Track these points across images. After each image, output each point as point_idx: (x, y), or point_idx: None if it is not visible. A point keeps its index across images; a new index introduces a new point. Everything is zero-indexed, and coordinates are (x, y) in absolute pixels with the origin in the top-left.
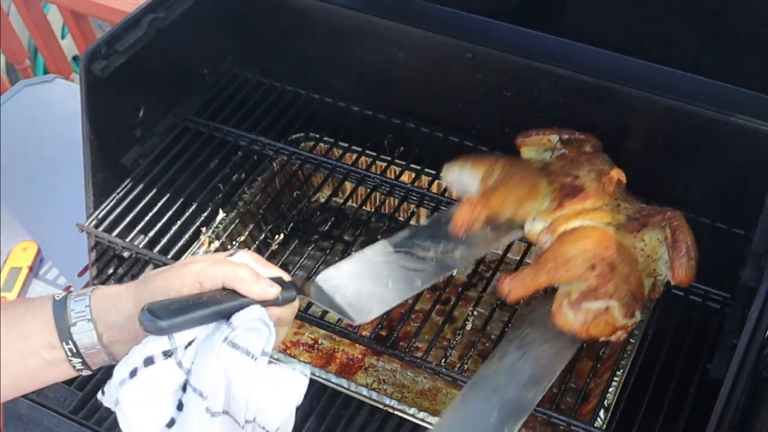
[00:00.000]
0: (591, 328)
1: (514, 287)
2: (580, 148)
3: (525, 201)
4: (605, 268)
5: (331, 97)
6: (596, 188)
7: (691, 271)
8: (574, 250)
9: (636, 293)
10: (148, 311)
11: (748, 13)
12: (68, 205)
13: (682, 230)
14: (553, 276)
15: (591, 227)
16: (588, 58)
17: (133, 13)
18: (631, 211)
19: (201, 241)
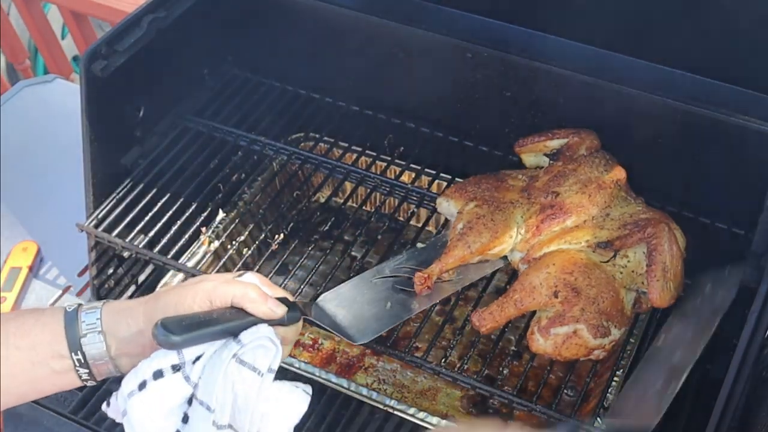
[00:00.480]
0: (563, 351)
1: (483, 322)
2: (573, 153)
3: (495, 240)
4: (569, 293)
5: (331, 97)
6: (579, 202)
7: (667, 293)
8: (538, 279)
9: (609, 312)
10: (162, 326)
11: (749, 13)
12: (68, 205)
13: (659, 250)
14: (520, 307)
15: (557, 252)
16: (588, 58)
17: (133, 13)
18: (617, 224)
19: (201, 241)
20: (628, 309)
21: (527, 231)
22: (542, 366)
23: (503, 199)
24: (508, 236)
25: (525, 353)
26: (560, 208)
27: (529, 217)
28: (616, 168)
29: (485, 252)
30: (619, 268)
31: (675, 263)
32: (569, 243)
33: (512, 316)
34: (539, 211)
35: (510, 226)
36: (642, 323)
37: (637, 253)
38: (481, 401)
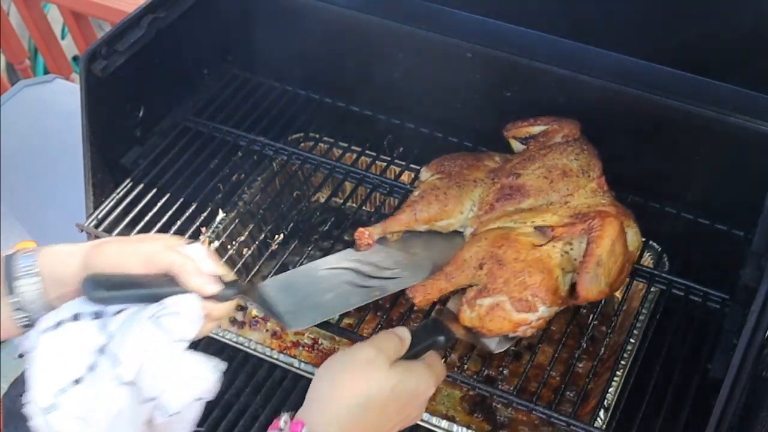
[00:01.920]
0: (487, 323)
1: (415, 293)
2: (548, 140)
3: (442, 213)
4: (494, 265)
5: (331, 97)
6: (539, 186)
7: (595, 287)
8: (469, 252)
9: (537, 287)
10: (91, 280)
11: (749, 13)
12: (68, 205)
13: (597, 243)
14: (451, 280)
15: (496, 229)
16: (588, 58)
17: (133, 13)
18: (571, 212)
19: (201, 241)
20: (562, 289)
21: (480, 208)
22: (542, 366)
23: (468, 177)
24: (458, 211)
25: (525, 353)
26: (518, 189)
27: (487, 195)
28: (589, 159)
29: (431, 222)
30: (559, 251)
31: (613, 260)
32: (515, 222)
33: (444, 289)
34: (498, 190)
35: (462, 202)
36: (642, 324)
37: (582, 244)
38: (481, 401)
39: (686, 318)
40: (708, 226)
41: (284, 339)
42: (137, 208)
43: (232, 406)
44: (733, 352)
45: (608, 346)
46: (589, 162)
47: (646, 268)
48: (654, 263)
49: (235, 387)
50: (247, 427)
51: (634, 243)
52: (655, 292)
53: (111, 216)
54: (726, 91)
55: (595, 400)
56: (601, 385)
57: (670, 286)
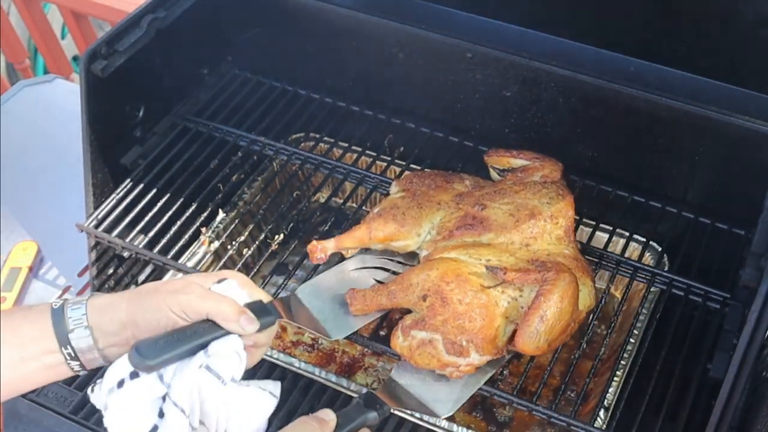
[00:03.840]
0: (416, 356)
1: (354, 301)
2: (526, 176)
3: (398, 234)
4: (437, 300)
5: (331, 97)
6: (503, 222)
7: (533, 341)
8: (416, 278)
9: (474, 334)
10: (137, 351)
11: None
12: (68, 205)
13: (545, 297)
14: (392, 299)
15: (450, 260)
16: (588, 58)
17: (133, 13)
18: (529, 257)
19: (201, 241)
20: (501, 339)
21: (439, 233)
22: (542, 366)
23: (433, 198)
24: (414, 233)
25: None
26: (482, 221)
27: (449, 221)
28: (562, 206)
29: (386, 242)
30: (508, 297)
31: (557, 318)
32: (470, 256)
33: (383, 306)
34: (460, 217)
35: (421, 224)
36: (642, 324)
37: (533, 293)
38: (481, 401)
39: (686, 318)
40: (708, 226)
41: (284, 339)
42: (137, 208)
43: None
44: (733, 352)
45: (608, 346)
46: (562, 209)
47: (647, 268)
48: (654, 263)
49: None
50: None
51: (586, 302)
52: (655, 292)
53: (111, 216)
54: (726, 91)
55: (595, 400)
56: (601, 385)
57: (670, 285)
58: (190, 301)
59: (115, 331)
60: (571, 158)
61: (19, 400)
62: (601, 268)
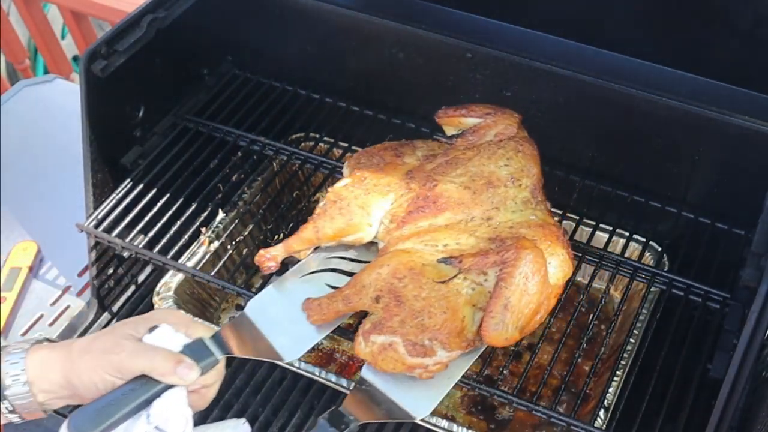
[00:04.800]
0: (380, 362)
1: (310, 312)
2: (479, 137)
3: (348, 228)
4: (391, 300)
5: (331, 97)
6: (459, 198)
7: (501, 333)
8: (369, 278)
9: (437, 330)
10: (72, 425)
11: (748, 13)
12: (68, 205)
13: (507, 282)
14: (348, 304)
15: (402, 252)
16: (588, 58)
17: (133, 13)
18: (491, 233)
19: (201, 241)
20: (469, 330)
21: (392, 221)
22: (542, 366)
23: (381, 180)
24: (365, 224)
25: (525, 353)
26: (434, 201)
27: (400, 205)
28: (522, 163)
29: (337, 238)
30: (471, 283)
31: (525, 302)
32: (425, 243)
33: (342, 312)
34: (412, 199)
35: (370, 213)
36: (642, 324)
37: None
38: (481, 401)
39: (686, 318)
40: (708, 226)
41: None
42: (137, 208)
43: (232, 406)
44: (733, 352)
45: (608, 346)
46: (523, 167)
47: (647, 268)
48: (654, 263)
49: (234, 387)
50: None
51: (560, 273)
52: (655, 292)
53: (111, 216)
54: (726, 91)
55: (595, 400)
56: (601, 385)
57: (670, 285)
58: (121, 361)
59: (55, 390)
60: (571, 158)
61: None
62: (601, 268)
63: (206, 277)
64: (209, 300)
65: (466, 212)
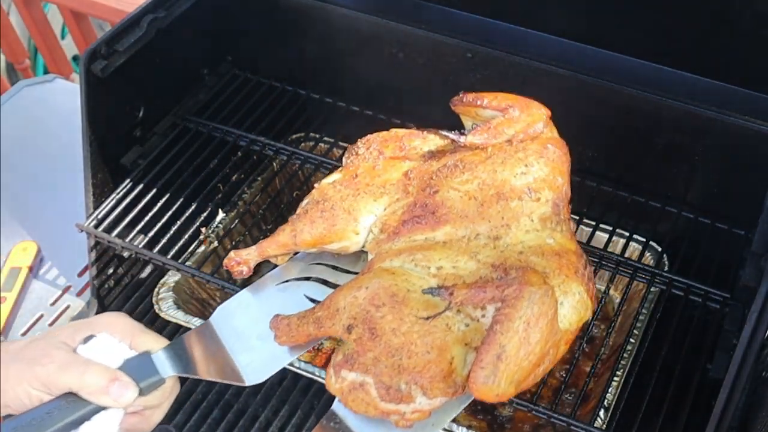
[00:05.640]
0: (349, 402)
1: (278, 331)
2: (495, 134)
3: (330, 234)
4: (365, 332)
5: (331, 97)
6: (462, 210)
7: (492, 387)
8: (344, 300)
9: (418, 372)
10: None
11: (749, 13)
12: (68, 205)
13: (503, 328)
14: (319, 328)
15: (385, 272)
16: (588, 58)
17: (133, 13)
18: (497, 258)
19: (201, 241)
20: (459, 374)
21: (383, 230)
22: None
23: (377, 179)
24: (351, 232)
25: None
26: (433, 211)
27: (393, 212)
28: (546, 171)
29: (317, 246)
30: (465, 318)
31: (525, 353)
32: (416, 263)
33: (313, 335)
34: (408, 206)
35: (357, 219)
36: (642, 324)
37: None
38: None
39: (686, 318)
40: (708, 226)
41: None
42: (137, 208)
43: (232, 407)
44: (733, 352)
45: (608, 346)
46: (546, 176)
47: (647, 268)
48: (654, 263)
49: (234, 387)
50: (247, 428)
51: (575, 317)
52: (655, 292)
53: (111, 216)
54: (726, 91)
55: (595, 400)
56: (601, 385)
57: (670, 285)
58: (48, 374)
59: None
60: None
61: None
62: (601, 268)
63: (206, 276)
64: (209, 300)
65: (469, 228)
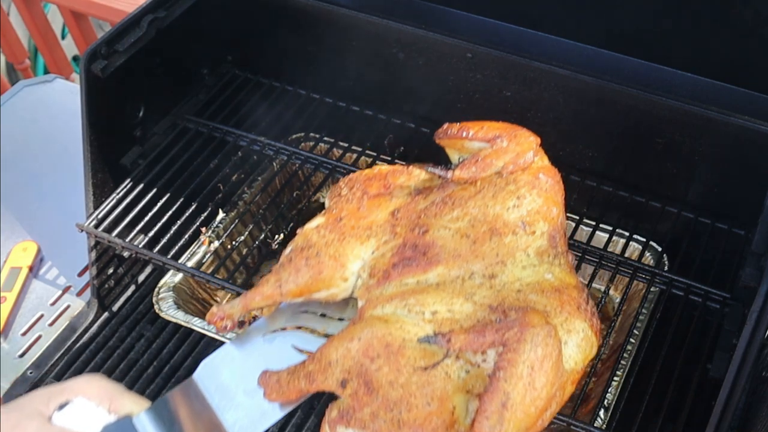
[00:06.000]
0: None
1: (268, 389)
2: (484, 167)
3: (317, 282)
4: (360, 386)
5: (331, 97)
6: (454, 249)
7: None
8: (336, 353)
9: (419, 426)
10: None
11: (749, 13)
12: (68, 205)
13: (507, 374)
14: (311, 382)
15: (378, 320)
16: (588, 58)
17: (133, 13)
18: (494, 299)
19: (201, 241)
20: (462, 423)
21: (372, 275)
22: None
23: (362, 221)
24: (339, 279)
25: None
26: (423, 252)
27: (382, 254)
28: (540, 202)
29: (304, 295)
30: (465, 364)
31: (531, 399)
32: (409, 309)
33: (305, 391)
34: (397, 248)
35: (345, 264)
36: (642, 324)
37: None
38: None
39: (686, 318)
40: (708, 226)
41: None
42: (137, 208)
43: None
44: (733, 352)
45: (608, 346)
46: (539, 208)
47: (647, 268)
48: (654, 263)
49: None
50: None
51: (580, 355)
52: (655, 292)
53: (111, 216)
54: (726, 91)
55: (595, 400)
56: (601, 385)
57: (670, 284)
58: None
59: None
60: (571, 158)
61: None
62: (601, 268)
63: (206, 276)
64: (209, 300)
65: (463, 267)
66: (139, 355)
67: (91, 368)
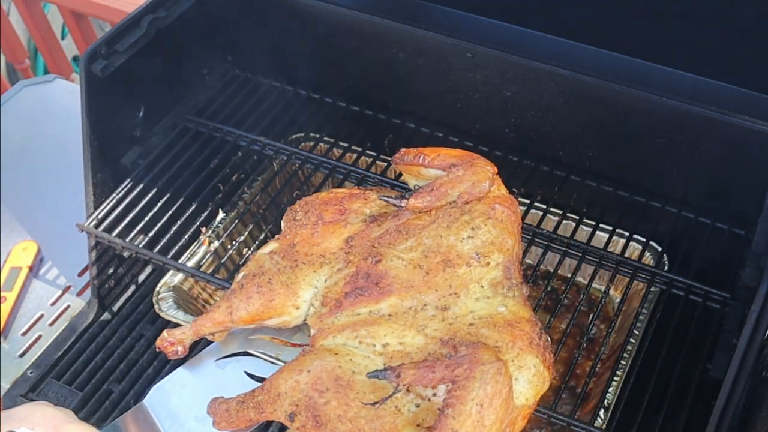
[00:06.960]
0: None
1: (219, 419)
2: (439, 196)
3: (269, 310)
4: (308, 420)
5: (332, 97)
6: (407, 280)
7: None
8: (285, 385)
9: None
10: None
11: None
12: (68, 205)
13: (455, 411)
14: (260, 413)
15: (327, 352)
16: (588, 58)
17: (133, 13)
18: (445, 332)
19: (201, 241)
20: None
21: (324, 303)
22: None
23: (315, 248)
24: (290, 306)
25: None
26: (376, 282)
27: (335, 283)
28: (495, 233)
29: (255, 322)
30: (416, 398)
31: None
32: (360, 341)
33: (254, 421)
34: (350, 277)
35: (297, 293)
36: (642, 324)
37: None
38: None
39: (686, 318)
40: (708, 226)
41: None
42: (137, 208)
43: None
44: (733, 352)
45: (608, 346)
46: (494, 239)
47: (647, 268)
48: (654, 263)
49: None
50: None
51: (531, 391)
52: (655, 292)
53: (111, 216)
54: (726, 91)
55: (595, 400)
56: (601, 385)
57: (670, 284)
58: None
59: None
60: (571, 158)
61: (19, 399)
62: (601, 268)
63: (206, 276)
64: (209, 300)
65: (416, 298)
66: (139, 355)
67: (91, 368)
